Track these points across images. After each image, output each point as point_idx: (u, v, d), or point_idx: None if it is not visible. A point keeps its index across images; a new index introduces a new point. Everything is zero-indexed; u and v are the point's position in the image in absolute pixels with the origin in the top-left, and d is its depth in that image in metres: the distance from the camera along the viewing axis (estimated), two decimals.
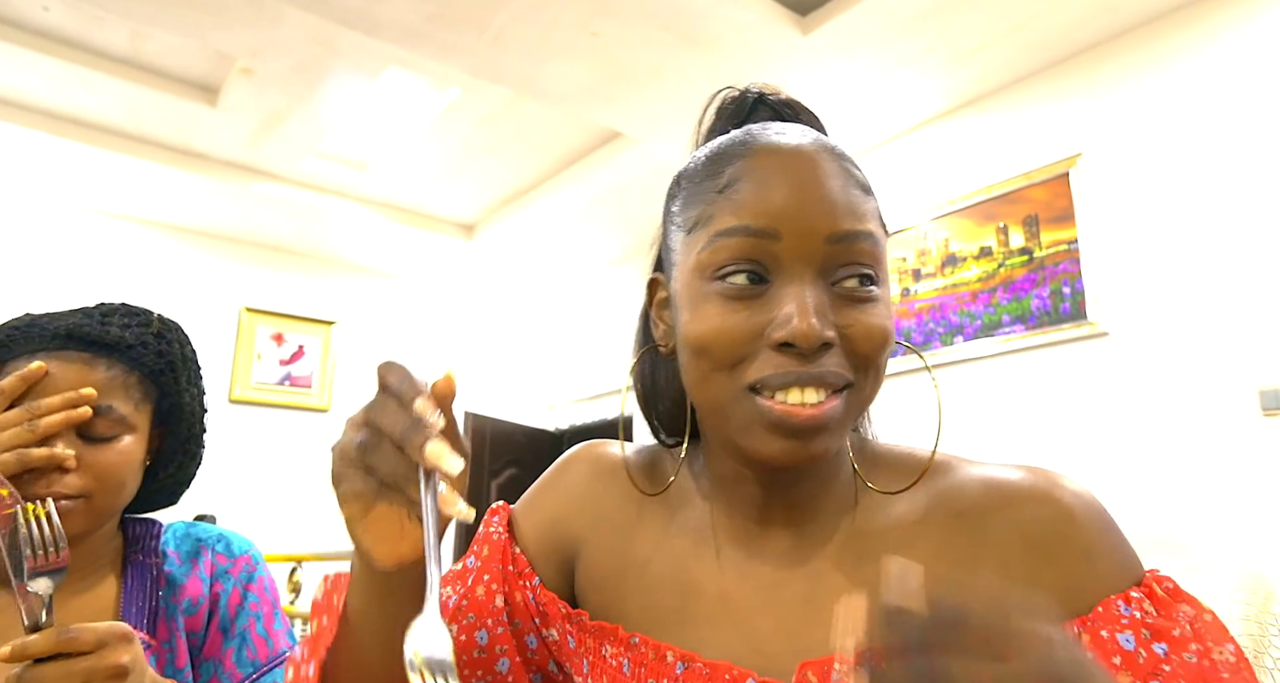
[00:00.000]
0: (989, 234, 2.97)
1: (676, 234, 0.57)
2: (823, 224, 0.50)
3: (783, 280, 0.51)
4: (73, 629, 0.62)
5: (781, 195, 0.51)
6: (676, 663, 0.55)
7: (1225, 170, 2.44)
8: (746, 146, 0.54)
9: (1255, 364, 2.30)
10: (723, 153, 0.56)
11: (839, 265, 0.51)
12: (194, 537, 0.90)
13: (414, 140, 3.77)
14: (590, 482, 0.66)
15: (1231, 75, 2.47)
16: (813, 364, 0.50)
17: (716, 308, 0.51)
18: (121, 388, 0.82)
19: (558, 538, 0.65)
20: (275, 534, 3.88)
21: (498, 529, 0.65)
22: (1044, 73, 2.92)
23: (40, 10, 2.96)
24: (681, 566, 0.60)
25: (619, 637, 0.58)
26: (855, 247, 0.51)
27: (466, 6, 2.63)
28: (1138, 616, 0.48)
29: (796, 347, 0.49)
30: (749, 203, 0.51)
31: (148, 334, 0.85)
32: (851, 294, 0.51)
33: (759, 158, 0.53)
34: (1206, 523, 2.27)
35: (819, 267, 0.51)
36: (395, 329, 5.06)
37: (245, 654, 0.86)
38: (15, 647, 0.61)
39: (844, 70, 2.89)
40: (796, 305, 0.49)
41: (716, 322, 0.51)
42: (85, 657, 0.62)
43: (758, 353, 0.50)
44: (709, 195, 0.54)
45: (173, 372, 0.87)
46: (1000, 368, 2.87)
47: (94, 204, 4.13)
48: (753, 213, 0.51)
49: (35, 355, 0.79)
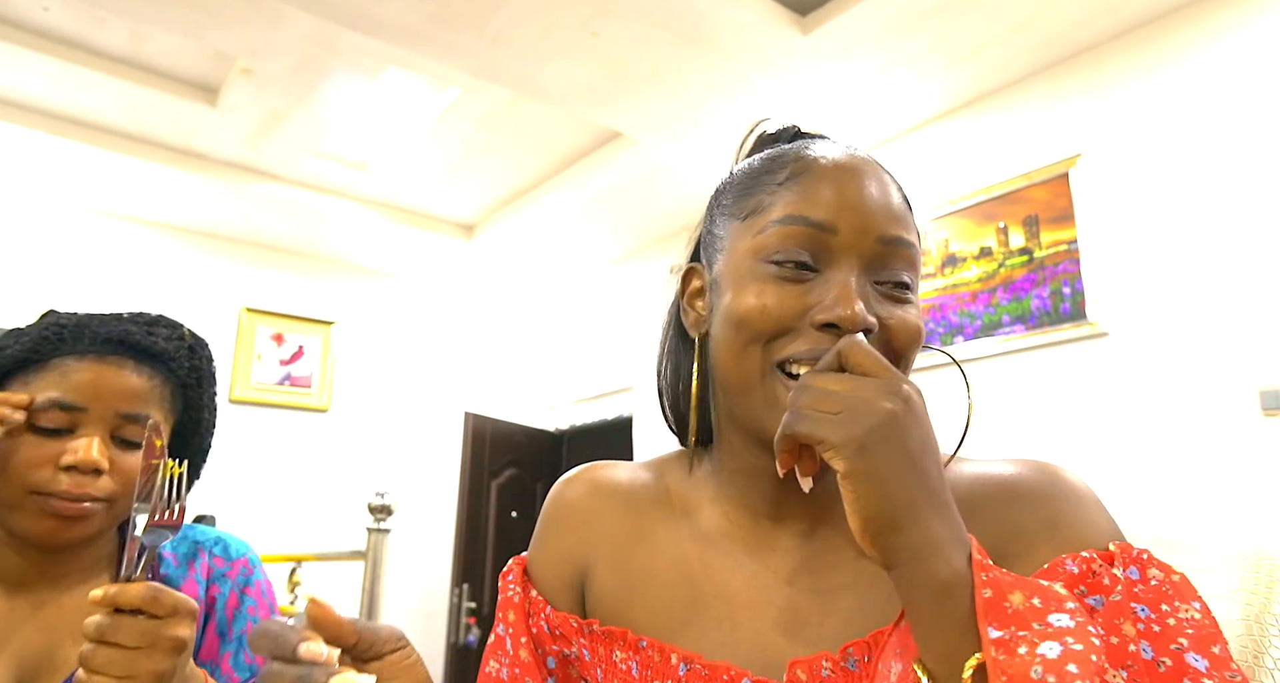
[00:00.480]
0: (989, 234, 2.97)
1: (726, 222, 0.60)
2: (875, 225, 0.55)
3: (832, 270, 0.54)
4: (157, 588, 0.64)
5: (841, 194, 0.55)
6: (679, 664, 0.56)
7: (1225, 171, 2.44)
8: (807, 149, 0.59)
9: (1255, 364, 2.30)
10: (781, 154, 0.60)
11: (884, 266, 0.55)
12: (191, 539, 0.90)
13: (414, 140, 3.77)
14: (587, 506, 0.67)
15: (1232, 76, 2.47)
16: None
17: (767, 285, 0.54)
18: (158, 397, 0.84)
19: (568, 570, 0.66)
20: (275, 534, 3.88)
21: (514, 589, 0.66)
22: (1044, 73, 2.92)
23: (40, 10, 2.96)
24: (689, 571, 0.61)
25: (628, 641, 0.59)
26: (901, 252, 0.55)
27: (466, 6, 2.63)
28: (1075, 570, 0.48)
29: (839, 328, 0.52)
30: (810, 196, 0.55)
31: (183, 347, 0.88)
32: (891, 292, 0.55)
33: (819, 160, 0.57)
34: (1206, 523, 2.27)
35: (866, 263, 0.54)
36: (395, 329, 5.06)
37: (242, 658, 0.86)
38: (108, 592, 0.62)
39: (844, 70, 2.89)
40: (843, 291, 0.53)
41: (765, 297, 0.54)
42: (159, 620, 0.63)
43: (799, 331, 0.54)
44: (768, 187, 0.58)
45: (199, 386, 0.89)
46: (1000, 368, 2.87)
47: (94, 204, 4.13)
48: (813, 205, 0.55)
49: (85, 356, 0.80)
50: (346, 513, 4.18)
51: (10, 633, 0.79)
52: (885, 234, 0.55)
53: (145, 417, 0.81)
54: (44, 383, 0.79)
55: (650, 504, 0.66)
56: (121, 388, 0.80)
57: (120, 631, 0.62)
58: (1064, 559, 0.49)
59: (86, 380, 0.79)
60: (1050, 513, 0.52)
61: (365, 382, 4.86)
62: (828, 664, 0.52)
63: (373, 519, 2.67)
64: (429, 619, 4.75)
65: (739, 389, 0.57)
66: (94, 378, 0.79)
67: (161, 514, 0.67)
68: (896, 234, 0.55)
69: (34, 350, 0.80)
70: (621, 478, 0.68)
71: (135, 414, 0.80)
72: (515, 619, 0.64)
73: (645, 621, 0.60)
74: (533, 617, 0.64)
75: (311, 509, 4.40)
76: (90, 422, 0.79)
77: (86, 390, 0.79)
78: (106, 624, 0.62)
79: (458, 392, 5.14)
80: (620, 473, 0.69)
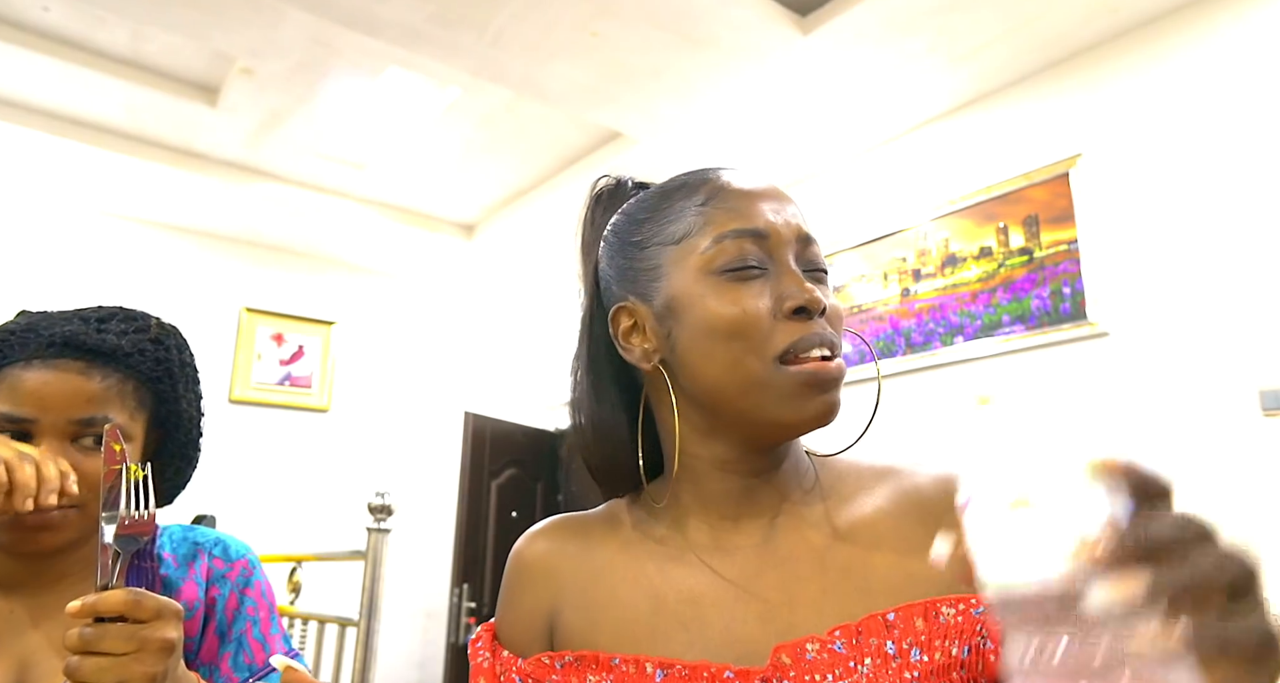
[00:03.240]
0: (989, 234, 2.97)
1: (654, 252, 0.64)
2: (794, 227, 0.62)
3: (776, 269, 0.61)
4: (138, 592, 0.63)
5: (763, 204, 0.62)
6: (656, 672, 0.56)
7: (1226, 170, 2.44)
8: (712, 172, 0.66)
9: (1256, 364, 2.30)
10: (686, 182, 0.66)
11: (807, 261, 0.62)
12: (191, 540, 0.90)
13: (414, 140, 3.77)
14: (547, 558, 0.68)
15: (1232, 75, 2.47)
16: (820, 327, 0.59)
17: (738, 293, 0.59)
18: (117, 397, 0.81)
19: (536, 624, 0.66)
20: (275, 534, 3.87)
21: (484, 655, 0.67)
22: (1044, 73, 2.92)
23: (40, 10, 2.96)
24: (650, 586, 0.62)
25: (600, 661, 0.59)
26: (815, 248, 0.63)
27: (466, 6, 2.63)
28: None
29: (808, 311, 0.58)
30: (739, 210, 0.62)
31: (145, 341, 0.84)
32: (818, 275, 0.63)
33: (730, 179, 0.64)
34: None
35: (796, 257, 0.62)
36: (395, 329, 5.06)
37: (242, 658, 0.86)
38: (86, 602, 0.62)
39: (844, 70, 2.89)
40: (797, 281, 0.60)
41: (744, 303, 0.59)
42: (143, 625, 0.63)
43: (776, 327, 0.59)
44: (691, 211, 0.63)
45: (170, 379, 0.86)
46: (1000, 368, 2.86)
47: (94, 204, 4.13)
48: (745, 217, 0.61)
49: (31, 364, 0.77)
50: (346, 513, 4.18)
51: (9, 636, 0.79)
52: (802, 233, 0.63)
53: (103, 419, 0.78)
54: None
55: (608, 538, 0.67)
56: (71, 393, 0.77)
57: (105, 639, 0.61)
58: None
59: (32, 390, 0.76)
60: None
61: (365, 382, 4.85)
62: (813, 646, 0.53)
63: (373, 519, 2.67)
64: (429, 619, 4.75)
65: (740, 393, 0.59)
66: (40, 386, 0.76)
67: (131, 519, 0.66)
68: (809, 233, 0.63)
69: None
70: (577, 522, 0.70)
71: (90, 418, 0.78)
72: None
73: (611, 641, 0.60)
74: (504, 675, 0.65)
75: (311, 509, 4.40)
76: (44, 431, 0.77)
77: (34, 400, 0.76)
78: (91, 634, 0.61)
79: (458, 392, 5.14)
80: (575, 519, 0.71)
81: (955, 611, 0.52)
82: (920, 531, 0.57)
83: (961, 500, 0.34)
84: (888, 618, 0.53)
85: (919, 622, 0.52)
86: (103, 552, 0.65)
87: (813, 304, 0.58)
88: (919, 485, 0.61)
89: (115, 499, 0.67)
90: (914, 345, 3.14)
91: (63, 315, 0.83)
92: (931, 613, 0.52)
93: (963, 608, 0.52)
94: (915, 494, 0.60)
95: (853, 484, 0.63)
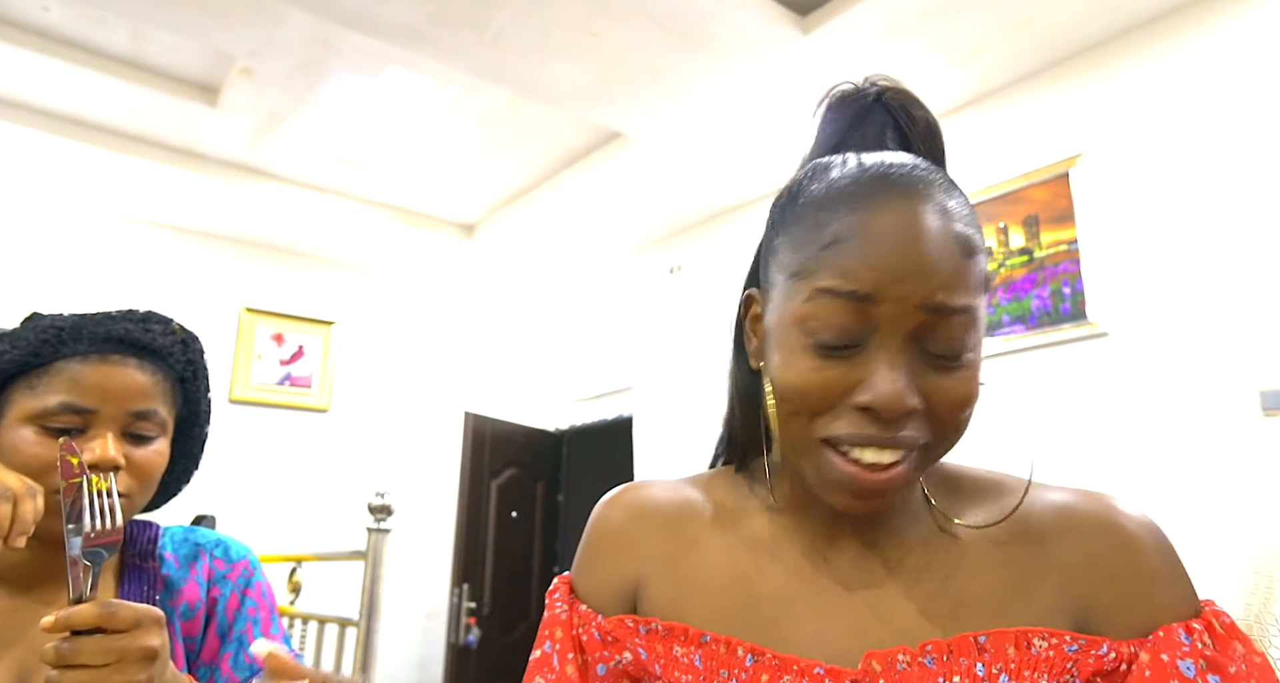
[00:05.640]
0: (989, 234, 2.97)
1: (777, 272, 0.58)
2: (920, 292, 0.50)
3: (876, 343, 0.52)
4: (113, 604, 0.63)
5: (883, 260, 0.51)
6: (746, 656, 0.56)
7: (1226, 171, 2.44)
8: (854, 200, 0.54)
9: (1256, 365, 2.30)
10: (830, 202, 0.55)
11: (933, 334, 0.52)
12: (192, 541, 0.91)
13: (414, 140, 3.77)
14: (630, 530, 0.67)
15: (1232, 75, 2.47)
16: (892, 429, 0.51)
17: (808, 361, 0.53)
18: (162, 392, 0.85)
19: (618, 588, 0.66)
20: (275, 534, 3.88)
21: (561, 607, 0.66)
22: (1044, 73, 2.92)
23: (40, 10, 2.96)
24: (743, 573, 0.61)
25: (689, 635, 0.59)
26: (950, 320, 0.51)
27: (466, 6, 2.63)
28: (1199, 646, 0.50)
29: (879, 412, 0.51)
30: (851, 266, 0.52)
31: (176, 342, 0.89)
32: (940, 362, 0.52)
33: (863, 216, 0.53)
34: (1206, 524, 2.27)
35: (912, 332, 0.51)
36: (395, 329, 5.06)
37: (242, 659, 0.86)
38: (59, 617, 0.62)
39: (844, 70, 2.89)
40: (886, 372, 0.51)
41: (807, 374, 0.53)
42: (121, 635, 0.63)
43: (841, 410, 0.52)
44: (813, 249, 0.54)
45: (195, 378, 0.90)
46: (1000, 368, 2.87)
47: (94, 204, 4.13)
48: (854, 277, 0.51)
49: (88, 357, 0.81)
50: (346, 513, 4.18)
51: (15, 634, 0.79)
52: (929, 302, 0.50)
53: (154, 412, 0.82)
54: (51, 386, 0.79)
55: (694, 517, 0.66)
56: (129, 386, 0.81)
57: (82, 652, 0.61)
58: (1177, 629, 0.51)
59: (95, 382, 0.80)
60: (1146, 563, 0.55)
61: (365, 382, 4.86)
62: (904, 658, 0.53)
63: (373, 519, 2.67)
64: (429, 619, 4.76)
65: (787, 450, 0.58)
66: (101, 379, 0.80)
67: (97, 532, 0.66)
68: (941, 301, 0.50)
69: (34, 354, 0.80)
70: (662, 496, 0.68)
71: (145, 411, 0.82)
72: (562, 636, 0.64)
73: (700, 620, 0.60)
74: (582, 627, 0.64)
75: (311, 509, 4.40)
76: (102, 421, 0.79)
77: (96, 392, 0.79)
78: (67, 649, 0.61)
79: (458, 392, 5.14)
80: (660, 491, 0.69)
81: (1048, 644, 0.52)
82: (1021, 554, 0.56)
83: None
84: (979, 640, 0.52)
85: (1010, 649, 0.52)
86: (72, 565, 0.65)
87: (886, 407, 0.50)
88: (1031, 511, 0.58)
89: (79, 513, 0.67)
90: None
91: (103, 315, 0.86)
92: (1024, 642, 0.52)
93: (1055, 643, 0.52)
94: (1024, 520, 0.58)
95: (960, 495, 0.61)
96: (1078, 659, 0.51)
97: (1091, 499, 0.57)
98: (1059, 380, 2.70)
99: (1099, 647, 0.51)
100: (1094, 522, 0.56)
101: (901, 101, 0.63)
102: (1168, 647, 0.50)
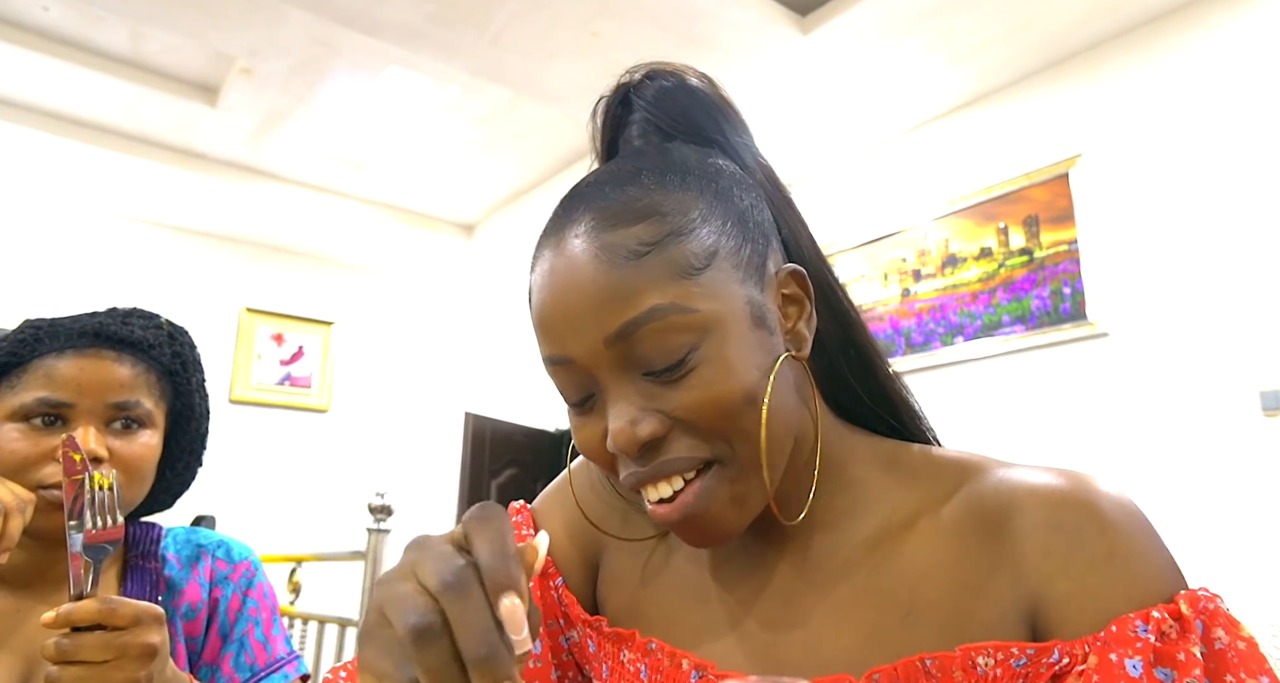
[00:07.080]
0: (989, 234, 2.97)
1: None
2: (596, 332, 0.48)
3: (603, 389, 0.50)
4: (113, 600, 0.63)
5: (552, 319, 0.51)
6: (691, 671, 0.55)
7: (1225, 171, 2.44)
8: (533, 264, 0.54)
9: (1256, 365, 2.30)
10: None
11: (636, 359, 0.49)
12: (194, 542, 0.91)
13: (414, 140, 3.77)
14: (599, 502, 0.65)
15: (1232, 75, 2.47)
16: (649, 461, 0.49)
17: (574, 420, 0.53)
18: (145, 384, 0.84)
19: (581, 541, 0.64)
20: (275, 534, 3.88)
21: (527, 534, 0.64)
22: (1044, 73, 2.92)
23: (40, 10, 2.96)
24: (700, 574, 0.60)
25: (636, 643, 0.58)
26: (637, 335, 0.48)
27: (466, 6, 2.63)
28: (1152, 639, 0.44)
29: (623, 453, 0.49)
30: (537, 331, 0.52)
31: (162, 335, 0.88)
32: (667, 376, 0.48)
33: (536, 281, 0.53)
34: (1207, 524, 2.27)
35: (622, 367, 0.49)
36: (395, 329, 5.06)
37: (244, 659, 0.86)
38: (60, 613, 0.62)
39: (844, 70, 2.89)
40: (610, 413, 0.49)
41: (579, 436, 0.53)
42: (121, 631, 0.63)
43: (616, 458, 0.51)
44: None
45: (184, 372, 0.89)
46: (1000, 368, 2.87)
47: (94, 204, 4.13)
48: (544, 342, 0.52)
49: (64, 353, 0.81)
50: (346, 513, 4.18)
51: (15, 631, 0.79)
52: (608, 334, 0.48)
53: (135, 403, 0.82)
54: (28, 384, 0.79)
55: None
56: (107, 378, 0.81)
57: (82, 649, 0.62)
58: (1133, 620, 0.45)
59: (70, 376, 0.80)
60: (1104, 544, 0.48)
61: (365, 382, 4.86)
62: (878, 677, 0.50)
63: (373, 519, 2.67)
64: None
65: None
66: (77, 372, 0.80)
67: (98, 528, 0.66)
68: (618, 325, 0.48)
69: (13, 354, 0.81)
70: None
71: (125, 402, 0.81)
72: None
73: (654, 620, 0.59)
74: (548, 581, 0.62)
75: (311, 509, 4.40)
76: (80, 415, 0.79)
77: (72, 385, 0.79)
78: (67, 644, 0.62)
79: (458, 392, 5.14)
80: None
81: (993, 660, 0.48)
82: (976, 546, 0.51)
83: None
84: (926, 664, 0.49)
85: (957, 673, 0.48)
86: (73, 562, 0.65)
87: (623, 449, 0.49)
88: (989, 490, 0.52)
89: (80, 509, 0.67)
90: (914, 346, 3.14)
91: (85, 314, 0.86)
92: (968, 663, 0.48)
93: (1001, 658, 0.48)
94: (981, 502, 0.52)
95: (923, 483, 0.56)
96: (1027, 674, 0.47)
97: (1064, 478, 0.51)
98: (1059, 381, 2.70)
99: (1049, 654, 0.47)
100: (1061, 503, 0.50)
101: (641, 85, 0.62)
102: (1117, 644, 0.45)
